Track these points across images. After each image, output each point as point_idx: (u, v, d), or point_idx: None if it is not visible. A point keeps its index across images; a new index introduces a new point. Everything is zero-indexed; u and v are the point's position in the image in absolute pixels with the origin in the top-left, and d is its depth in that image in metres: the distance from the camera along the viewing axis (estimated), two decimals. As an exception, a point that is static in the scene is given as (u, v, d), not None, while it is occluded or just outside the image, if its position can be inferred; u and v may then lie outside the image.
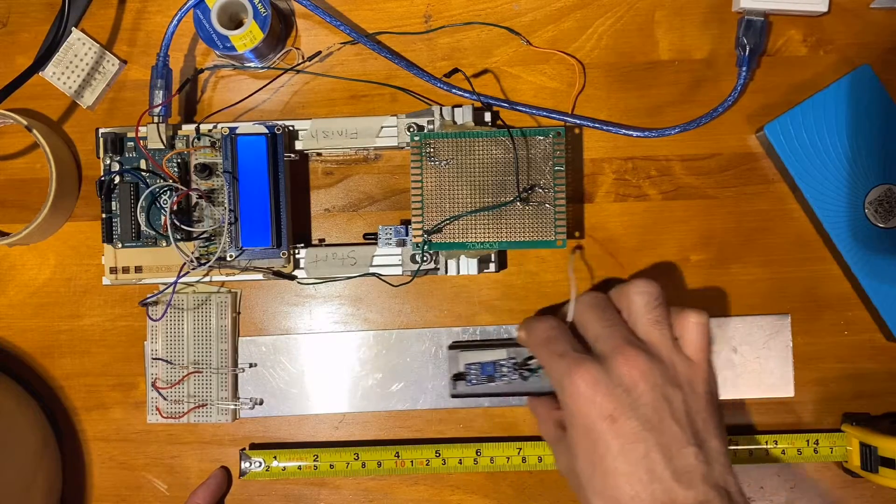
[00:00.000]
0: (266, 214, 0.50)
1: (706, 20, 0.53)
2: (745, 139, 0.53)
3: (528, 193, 0.50)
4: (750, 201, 0.53)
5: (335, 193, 0.54)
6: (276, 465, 0.52)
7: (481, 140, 0.50)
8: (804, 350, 0.52)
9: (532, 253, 0.54)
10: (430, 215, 0.50)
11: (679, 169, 0.53)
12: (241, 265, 0.51)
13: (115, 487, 0.54)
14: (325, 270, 0.52)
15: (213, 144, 0.51)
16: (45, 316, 0.55)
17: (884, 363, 0.53)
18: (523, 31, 0.54)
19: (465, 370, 0.51)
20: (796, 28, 0.53)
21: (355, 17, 0.54)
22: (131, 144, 0.52)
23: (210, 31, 0.51)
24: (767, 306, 0.53)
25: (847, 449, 0.51)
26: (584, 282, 0.53)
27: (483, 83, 0.54)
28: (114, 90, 0.55)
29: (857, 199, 0.51)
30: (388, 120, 0.52)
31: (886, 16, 0.53)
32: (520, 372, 0.50)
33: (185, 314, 0.53)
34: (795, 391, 0.53)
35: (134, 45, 0.55)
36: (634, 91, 0.54)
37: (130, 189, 0.52)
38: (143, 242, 0.52)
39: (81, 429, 0.55)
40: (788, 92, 0.53)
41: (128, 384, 0.54)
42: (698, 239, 0.53)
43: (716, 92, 0.53)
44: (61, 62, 0.54)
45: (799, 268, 0.53)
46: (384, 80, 0.54)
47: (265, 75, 0.54)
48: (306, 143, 0.52)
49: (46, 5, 0.55)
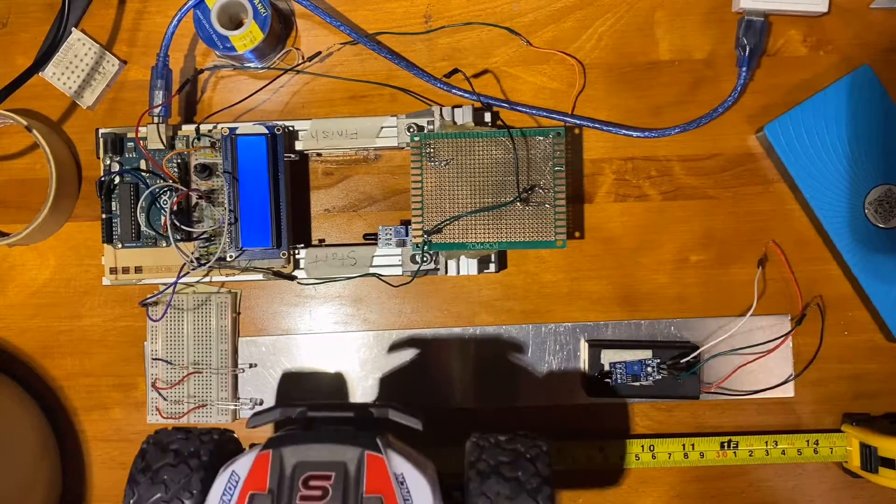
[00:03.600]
0: (266, 215, 0.50)
1: (706, 20, 0.53)
2: (745, 139, 0.53)
3: (528, 194, 0.50)
4: (750, 201, 0.53)
5: (335, 193, 0.54)
6: (276, 465, 0.52)
7: (481, 140, 0.50)
8: (804, 350, 0.52)
9: (532, 253, 0.54)
10: (430, 215, 0.50)
11: (679, 169, 0.53)
12: (241, 265, 0.51)
13: (115, 487, 0.54)
14: (325, 271, 0.52)
15: (213, 145, 0.51)
16: (45, 316, 0.55)
17: (884, 363, 0.53)
18: (523, 32, 0.54)
19: (609, 369, 0.51)
20: (796, 28, 0.53)
21: (355, 18, 0.54)
22: (131, 145, 0.52)
23: (210, 32, 0.51)
24: (767, 306, 0.53)
25: (847, 449, 0.51)
26: (584, 282, 0.53)
27: (483, 83, 0.54)
28: (114, 90, 0.55)
29: (857, 199, 0.51)
30: (388, 120, 0.52)
31: (886, 16, 0.53)
32: (668, 371, 0.51)
33: (185, 314, 0.53)
34: (795, 391, 0.53)
35: (134, 45, 0.55)
36: (634, 91, 0.53)
37: (130, 189, 0.52)
38: (143, 243, 0.52)
39: (81, 429, 0.55)
40: (788, 92, 0.53)
41: (128, 384, 0.54)
42: (698, 239, 0.53)
43: (716, 92, 0.53)
44: (61, 62, 0.54)
45: (799, 268, 0.53)
46: (384, 81, 0.54)
47: (265, 75, 0.54)
48: (306, 143, 0.52)
49: (46, 5, 0.55)
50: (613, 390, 0.52)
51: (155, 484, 0.40)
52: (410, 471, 0.38)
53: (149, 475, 0.40)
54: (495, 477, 0.39)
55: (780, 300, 0.53)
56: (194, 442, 0.42)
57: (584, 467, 0.52)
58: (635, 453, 0.52)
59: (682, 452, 0.52)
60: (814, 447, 0.52)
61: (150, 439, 0.42)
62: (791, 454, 0.52)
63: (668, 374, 0.51)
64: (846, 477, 0.53)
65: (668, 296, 0.53)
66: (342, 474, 0.38)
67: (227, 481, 0.39)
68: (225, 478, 0.39)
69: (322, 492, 0.38)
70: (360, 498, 0.37)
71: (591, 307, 0.53)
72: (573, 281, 0.53)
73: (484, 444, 0.41)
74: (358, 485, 0.38)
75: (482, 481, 0.39)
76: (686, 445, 0.52)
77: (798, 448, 0.52)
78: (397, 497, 0.37)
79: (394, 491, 0.38)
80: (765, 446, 0.52)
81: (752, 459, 0.52)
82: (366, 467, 0.38)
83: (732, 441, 0.52)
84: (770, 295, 0.53)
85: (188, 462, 0.40)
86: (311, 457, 0.38)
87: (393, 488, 0.38)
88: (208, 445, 0.42)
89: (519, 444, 0.41)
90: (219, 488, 0.39)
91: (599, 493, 0.53)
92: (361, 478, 0.38)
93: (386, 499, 0.37)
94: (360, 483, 0.38)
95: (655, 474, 0.53)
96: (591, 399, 0.53)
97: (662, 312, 0.53)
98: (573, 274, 0.53)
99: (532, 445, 0.41)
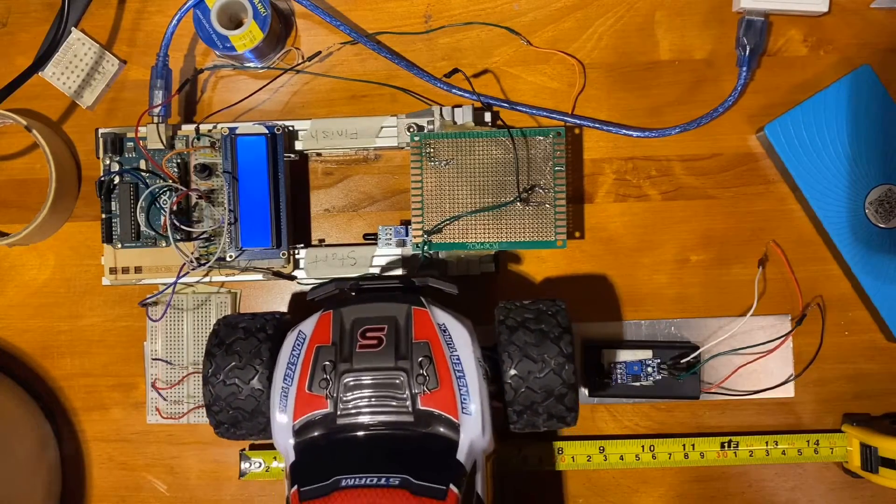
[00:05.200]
0: (266, 215, 0.50)
1: (706, 20, 0.53)
2: (745, 139, 0.53)
3: (528, 193, 0.50)
4: (750, 201, 0.53)
5: (335, 193, 0.54)
6: (275, 465, 0.52)
7: (481, 140, 0.50)
8: (804, 350, 0.52)
9: (532, 253, 0.54)
10: (430, 215, 0.50)
11: (679, 169, 0.53)
12: (241, 265, 0.51)
13: (115, 488, 0.54)
14: (325, 271, 0.52)
15: (212, 144, 0.51)
16: (45, 316, 0.55)
17: (884, 363, 0.53)
18: (523, 31, 0.54)
19: (609, 369, 0.51)
20: (796, 28, 0.53)
21: (355, 17, 0.54)
22: (131, 144, 0.52)
23: (210, 31, 0.51)
24: (768, 306, 0.53)
25: (847, 449, 0.51)
26: (584, 281, 0.53)
27: (483, 83, 0.54)
28: (114, 90, 0.55)
29: (858, 199, 0.51)
30: (388, 120, 0.51)
31: (886, 16, 0.53)
32: (668, 371, 0.51)
33: (185, 314, 0.53)
34: (795, 391, 0.53)
35: (134, 45, 0.55)
36: (634, 91, 0.53)
37: (130, 189, 0.52)
38: (142, 243, 0.52)
39: (81, 429, 0.55)
40: (789, 92, 0.53)
41: (127, 384, 0.54)
42: (698, 239, 0.53)
43: (716, 92, 0.53)
44: (61, 62, 0.54)
45: (799, 268, 0.53)
46: (384, 80, 0.54)
47: (265, 75, 0.54)
48: (306, 143, 0.52)
49: (46, 5, 0.55)
50: (613, 390, 0.52)
51: (229, 354, 0.45)
52: (451, 321, 0.44)
53: (223, 348, 0.46)
54: (522, 330, 0.44)
55: (780, 300, 0.53)
56: (259, 320, 0.47)
57: (584, 467, 0.52)
58: (635, 453, 0.52)
59: (682, 452, 0.52)
60: (814, 447, 0.52)
61: (220, 322, 0.47)
62: (791, 454, 0.52)
63: (669, 374, 0.51)
64: (846, 477, 0.53)
65: (668, 296, 0.53)
66: (394, 326, 0.44)
67: (296, 339, 0.44)
68: (293, 336, 0.44)
69: (377, 341, 0.43)
70: (409, 344, 0.43)
71: (592, 307, 0.53)
72: (573, 281, 0.53)
73: (510, 306, 0.46)
74: (408, 333, 0.43)
75: (511, 334, 0.44)
76: (686, 445, 0.52)
77: (798, 448, 0.52)
78: (441, 341, 0.43)
79: (438, 337, 0.43)
80: (765, 446, 0.52)
81: (753, 460, 0.52)
82: (413, 319, 0.44)
83: (732, 441, 0.52)
84: (770, 295, 0.53)
85: (256, 335, 0.46)
86: (367, 313, 0.44)
87: (438, 334, 0.43)
88: (272, 322, 0.47)
89: (541, 304, 0.46)
90: (288, 345, 0.44)
91: (599, 493, 0.53)
92: (410, 327, 0.44)
93: (432, 343, 0.43)
94: (410, 331, 0.43)
95: (655, 474, 0.53)
96: (591, 399, 0.53)
97: (662, 312, 0.53)
98: (573, 274, 0.53)
99: (552, 304, 0.46)
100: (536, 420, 0.45)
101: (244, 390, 0.45)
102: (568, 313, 0.46)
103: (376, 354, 0.42)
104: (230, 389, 0.45)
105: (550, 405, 0.44)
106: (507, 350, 0.44)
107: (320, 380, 0.43)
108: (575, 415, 0.45)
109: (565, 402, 0.44)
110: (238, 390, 0.45)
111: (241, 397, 0.45)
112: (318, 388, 0.42)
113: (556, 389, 0.43)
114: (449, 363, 0.42)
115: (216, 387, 0.45)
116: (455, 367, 0.42)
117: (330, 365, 0.43)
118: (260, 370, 0.45)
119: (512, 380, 0.44)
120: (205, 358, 0.46)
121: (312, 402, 0.42)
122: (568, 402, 0.44)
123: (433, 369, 0.42)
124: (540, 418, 0.45)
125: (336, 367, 0.43)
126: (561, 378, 0.43)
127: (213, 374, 0.45)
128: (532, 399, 0.44)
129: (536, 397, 0.44)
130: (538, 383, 0.43)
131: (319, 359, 0.43)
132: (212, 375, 0.45)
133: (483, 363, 0.43)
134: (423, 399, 0.42)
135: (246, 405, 0.45)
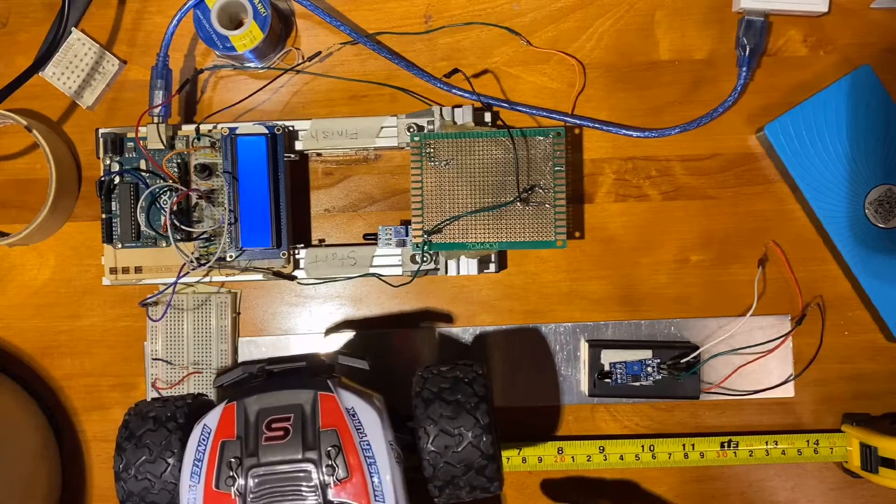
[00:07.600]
0: (266, 215, 0.50)
1: (706, 20, 0.53)
2: (745, 139, 0.53)
3: (528, 193, 0.50)
4: (750, 201, 0.53)
5: (335, 193, 0.54)
6: None
7: (481, 140, 0.50)
8: (804, 350, 0.52)
9: (532, 253, 0.54)
10: (430, 215, 0.50)
11: (679, 169, 0.53)
12: (241, 265, 0.51)
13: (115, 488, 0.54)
14: (325, 271, 0.52)
15: (212, 145, 0.51)
16: (45, 316, 0.55)
17: (884, 363, 0.53)
18: (523, 32, 0.54)
19: (609, 369, 0.51)
20: (796, 28, 0.53)
21: (355, 17, 0.54)
22: (131, 145, 0.52)
23: (210, 32, 0.51)
24: (768, 306, 0.53)
25: (847, 449, 0.51)
26: (584, 282, 0.53)
27: (483, 83, 0.54)
28: (114, 90, 0.55)
29: (858, 199, 0.51)
30: (388, 120, 0.52)
31: (886, 16, 0.53)
32: (668, 371, 0.51)
33: (185, 314, 0.53)
34: (795, 391, 0.53)
35: (134, 45, 0.55)
36: (634, 91, 0.53)
37: (130, 189, 0.52)
38: (143, 243, 0.52)
39: (81, 429, 0.55)
40: (788, 92, 0.53)
41: (128, 384, 0.54)
42: (698, 239, 0.53)
43: (716, 92, 0.53)
44: (61, 62, 0.54)
45: (799, 268, 0.53)
46: (384, 81, 0.54)
47: (265, 75, 0.54)
48: (306, 143, 0.52)
49: (46, 5, 0.55)
50: (613, 390, 0.52)
51: (139, 448, 0.44)
52: (360, 403, 0.43)
53: (133, 441, 0.44)
54: (438, 402, 0.44)
55: (780, 300, 0.53)
56: (170, 408, 0.46)
57: (584, 467, 0.52)
58: (635, 453, 0.52)
59: (682, 452, 0.52)
60: (814, 447, 0.52)
61: (131, 411, 0.46)
62: (791, 454, 0.52)
63: (668, 374, 0.51)
64: (846, 477, 0.53)
65: (668, 296, 0.53)
66: (300, 414, 0.42)
67: (200, 434, 0.43)
68: (198, 431, 0.43)
69: (284, 431, 0.42)
70: (317, 432, 0.42)
71: (592, 307, 0.53)
72: (573, 281, 0.53)
73: (427, 375, 0.45)
74: (314, 421, 0.42)
75: (426, 407, 0.44)
76: (686, 445, 0.52)
77: (798, 448, 0.52)
78: (349, 427, 0.42)
79: (347, 423, 0.42)
80: (765, 446, 0.52)
81: (752, 459, 0.52)
82: (320, 405, 0.43)
83: (732, 441, 0.52)
84: (770, 295, 0.53)
85: (166, 426, 0.45)
86: (271, 403, 0.43)
87: (346, 420, 0.42)
88: (183, 409, 0.46)
89: (458, 371, 0.45)
90: (193, 441, 0.43)
91: (600, 493, 0.53)
92: (317, 414, 0.42)
93: (340, 430, 0.42)
94: (316, 420, 0.42)
95: (655, 474, 0.53)
96: (591, 399, 0.53)
97: (662, 312, 0.53)
98: (573, 274, 0.53)
99: (469, 371, 0.45)
100: (460, 493, 0.44)
101: (156, 484, 0.44)
102: (486, 379, 0.45)
103: (282, 446, 0.41)
104: (143, 484, 0.44)
105: (471, 478, 0.43)
106: (423, 425, 0.43)
107: (226, 477, 0.41)
108: (499, 483, 0.44)
109: (486, 474, 0.43)
110: (150, 485, 0.44)
111: (154, 491, 0.44)
112: (225, 486, 0.41)
113: (475, 462, 0.43)
114: (359, 450, 0.41)
115: (128, 482, 0.44)
116: (365, 453, 0.41)
117: (236, 461, 0.42)
118: (172, 462, 0.44)
119: (430, 456, 0.43)
120: (115, 453, 0.44)
121: (221, 500, 0.41)
122: (489, 474, 0.43)
123: (342, 458, 0.41)
124: (462, 491, 0.44)
125: (242, 463, 0.41)
126: (479, 450, 0.43)
127: (124, 470, 0.44)
128: (452, 473, 0.43)
129: (456, 471, 0.43)
130: (456, 457, 0.43)
131: (225, 455, 0.42)
132: (123, 471, 0.44)
133: (395, 447, 0.43)
134: (335, 489, 0.41)
135: (160, 499, 0.44)
